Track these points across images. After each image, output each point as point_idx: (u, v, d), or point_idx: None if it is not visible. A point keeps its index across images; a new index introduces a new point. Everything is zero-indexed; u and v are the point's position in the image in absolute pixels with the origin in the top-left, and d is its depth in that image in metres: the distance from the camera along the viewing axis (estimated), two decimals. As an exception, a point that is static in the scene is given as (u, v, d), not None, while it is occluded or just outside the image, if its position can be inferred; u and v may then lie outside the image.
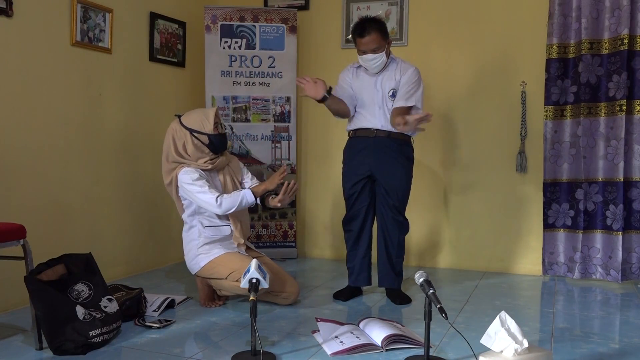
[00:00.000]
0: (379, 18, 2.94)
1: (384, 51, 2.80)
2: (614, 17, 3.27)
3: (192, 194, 2.69)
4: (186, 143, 2.77)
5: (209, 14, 3.90)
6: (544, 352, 1.91)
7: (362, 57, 2.83)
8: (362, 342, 2.20)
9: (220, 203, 2.64)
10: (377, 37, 2.77)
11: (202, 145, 2.78)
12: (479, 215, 3.78)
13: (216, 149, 2.81)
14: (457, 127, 3.81)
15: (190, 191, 2.69)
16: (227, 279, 2.69)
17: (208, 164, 2.78)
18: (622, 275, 3.30)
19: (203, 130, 2.77)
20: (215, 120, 2.80)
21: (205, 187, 2.67)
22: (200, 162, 2.77)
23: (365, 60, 2.82)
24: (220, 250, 2.78)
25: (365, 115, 2.90)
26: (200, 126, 2.77)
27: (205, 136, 2.77)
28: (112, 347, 2.23)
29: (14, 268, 2.36)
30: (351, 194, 2.96)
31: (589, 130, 3.38)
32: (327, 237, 4.18)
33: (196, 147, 2.77)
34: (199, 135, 2.77)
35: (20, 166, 2.80)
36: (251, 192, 2.70)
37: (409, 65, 2.88)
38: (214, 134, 2.78)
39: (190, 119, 2.80)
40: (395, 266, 2.95)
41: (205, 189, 2.67)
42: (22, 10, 2.79)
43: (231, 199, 2.67)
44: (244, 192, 2.70)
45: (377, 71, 2.86)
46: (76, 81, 3.12)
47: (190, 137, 2.77)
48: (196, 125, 2.77)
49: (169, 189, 2.86)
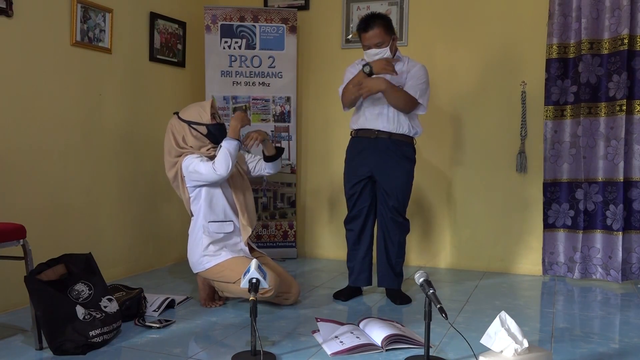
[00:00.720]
0: (385, 14, 2.93)
1: (388, 46, 2.80)
2: (614, 17, 3.27)
3: (195, 172, 2.70)
4: (185, 136, 2.79)
5: (209, 14, 3.90)
6: (544, 352, 1.91)
7: (367, 52, 2.83)
8: (362, 342, 2.20)
9: (216, 168, 2.66)
10: (381, 31, 2.77)
11: (202, 136, 2.80)
12: (479, 215, 3.78)
13: (215, 138, 2.82)
14: (457, 127, 3.81)
15: (192, 171, 2.70)
16: (235, 283, 2.67)
17: (210, 150, 2.81)
18: (622, 275, 3.30)
19: (201, 121, 2.79)
20: (212, 111, 2.83)
21: (203, 161, 2.69)
22: (203, 150, 2.79)
23: (369, 55, 2.82)
24: (227, 253, 2.76)
25: (368, 115, 2.89)
26: (197, 117, 2.79)
27: (204, 127, 2.79)
28: (112, 347, 2.23)
29: (14, 268, 2.36)
30: (352, 194, 2.96)
31: (589, 130, 3.38)
32: (327, 237, 4.18)
33: (196, 138, 2.79)
34: (198, 126, 2.79)
35: (20, 166, 2.80)
36: (225, 140, 2.70)
37: (416, 62, 2.90)
38: (212, 124, 2.79)
39: (188, 113, 2.83)
40: (395, 266, 2.95)
41: (203, 162, 2.69)
42: (22, 10, 2.79)
43: (219, 157, 2.67)
44: (223, 144, 2.69)
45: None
46: (76, 81, 3.12)
47: (189, 129, 2.78)
48: (194, 117, 2.80)
49: (174, 185, 2.85)
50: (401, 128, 2.86)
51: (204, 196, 2.79)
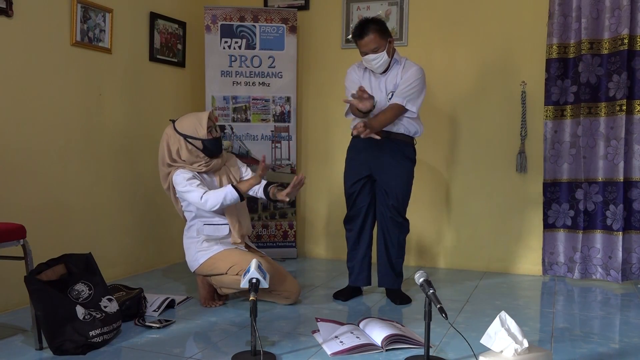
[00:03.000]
0: (378, 18, 2.93)
1: (384, 50, 2.79)
2: (614, 17, 3.27)
3: (184, 194, 2.72)
4: (180, 149, 2.78)
5: (209, 14, 3.90)
6: (544, 352, 1.91)
7: (365, 58, 2.82)
8: (362, 342, 2.20)
9: (205, 200, 2.65)
10: (376, 37, 2.76)
11: (197, 150, 2.78)
12: (479, 215, 3.78)
13: (211, 153, 2.81)
14: (457, 127, 3.81)
15: (181, 192, 2.72)
16: (227, 273, 2.69)
17: (202, 167, 2.79)
18: (622, 276, 3.30)
19: (197, 135, 2.77)
20: (209, 125, 2.80)
21: (194, 186, 2.68)
22: (195, 166, 2.79)
23: (367, 60, 2.82)
24: (220, 247, 2.79)
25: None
26: (193, 131, 2.77)
27: (199, 141, 2.77)
28: (112, 347, 2.23)
29: (14, 268, 2.36)
30: (351, 193, 2.97)
31: (589, 130, 3.38)
32: (327, 237, 4.18)
33: (190, 152, 2.78)
34: (193, 140, 2.77)
35: (20, 166, 2.80)
36: (233, 188, 2.67)
37: (412, 64, 2.86)
38: (207, 139, 2.78)
39: (184, 125, 2.80)
40: (395, 266, 2.95)
41: (193, 187, 2.68)
42: (22, 10, 2.79)
43: (215, 196, 2.66)
44: (227, 189, 2.67)
45: (381, 71, 2.85)
46: (76, 81, 3.12)
47: (185, 142, 2.77)
48: (190, 131, 2.77)
49: (167, 192, 2.90)
50: (401, 128, 2.86)
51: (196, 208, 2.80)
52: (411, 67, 2.85)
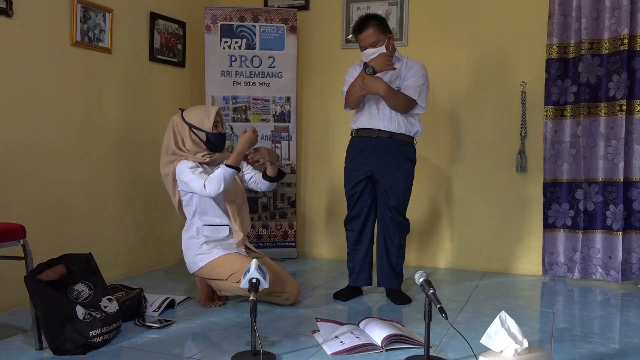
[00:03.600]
0: (379, 14, 2.94)
1: (383, 45, 2.80)
2: (614, 17, 3.27)
3: (187, 183, 2.69)
4: (184, 138, 2.79)
5: (209, 14, 3.90)
6: (544, 352, 1.91)
7: (364, 52, 2.84)
8: (362, 342, 2.20)
9: (206, 186, 2.64)
10: (375, 31, 2.78)
11: (200, 141, 2.79)
12: (479, 215, 3.78)
13: (213, 147, 2.82)
14: (457, 127, 3.81)
15: (185, 181, 2.70)
16: (227, 280, 2.68)
17: (206, 157, 2.80)
18: (622, 276, 3.30)
19: (202, 127, 2.78)
20: (216, 119, 2.81)
21: (196, 174, 2.67)
22: (199, 156, 2.79)
23: (366, 55, 2.83)
24: (220, 251, 2.77)
25: (368, 115, 2.89)
26: (200, 123, 2.78)
27: (204, 133, 2.78)
28: (112, 347, 2.23)
29: (14, 268, 2.36)
30: (352, 194, 2.96)
31: (589, 130, 3.38)
32: (327, 237, 4.18)
33: (194, 142, 2.78)
34: (198, 131, 2.78)
35: (20, 166, 2.80)
36: (225, 165, 2.66)
37: (415, 62, 2.90)
38: (212, 133, 2.79)
39: (192, 115, 2.82)
40: (395, 266, 2.95)
41: (196, 175, 2.67)
42: (22, 10, 2.79)
43: (214, 179, 2.64)
44: (221, 169, 2.66)
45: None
46: (76, 81, 3.12)
47: (189, 132, 2.78)
48: (196, 122, 2.79)
49: (165, 180, 2.85)
50: (402, 128, 2.86)
51: (196, 201, 2.79)
52: (415, 63, 2.88)
